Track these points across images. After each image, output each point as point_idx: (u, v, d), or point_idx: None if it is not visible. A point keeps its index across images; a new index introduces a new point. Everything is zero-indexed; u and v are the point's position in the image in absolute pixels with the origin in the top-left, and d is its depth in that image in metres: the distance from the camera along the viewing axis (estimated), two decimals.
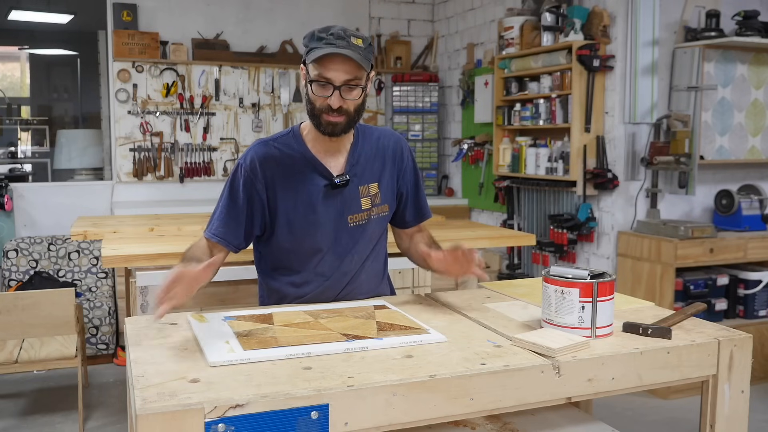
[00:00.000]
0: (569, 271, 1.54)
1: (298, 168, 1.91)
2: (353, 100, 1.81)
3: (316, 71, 1.78)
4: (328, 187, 1.91)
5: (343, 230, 1.95)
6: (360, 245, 1.98)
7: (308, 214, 1.91)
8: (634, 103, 4.11)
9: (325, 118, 1.81)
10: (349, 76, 1.77)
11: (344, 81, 1.77)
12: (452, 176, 6.16)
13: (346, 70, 1.76)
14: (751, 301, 4.06)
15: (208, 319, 1.65)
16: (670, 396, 3.76)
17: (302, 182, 1.91)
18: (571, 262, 4.50)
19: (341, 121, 1.82)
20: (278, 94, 5.77)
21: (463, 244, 1.83)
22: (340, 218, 1.94)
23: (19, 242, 4.60)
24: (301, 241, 1.93)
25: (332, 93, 1.78)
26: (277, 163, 1.91)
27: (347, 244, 1.96)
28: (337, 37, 1.75)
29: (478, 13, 5.65)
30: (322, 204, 1.92)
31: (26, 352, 3.27)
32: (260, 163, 1.90)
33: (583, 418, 1.80)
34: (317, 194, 1.91)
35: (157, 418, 1.12)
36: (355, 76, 1.78)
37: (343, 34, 1.76)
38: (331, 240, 1.94)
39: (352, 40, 1.76)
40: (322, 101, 1.80)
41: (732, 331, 1.58)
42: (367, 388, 1.24)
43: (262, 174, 1.90)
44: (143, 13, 5.45)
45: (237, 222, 1.91)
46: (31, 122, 8.24)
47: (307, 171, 1.91)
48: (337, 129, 1.83)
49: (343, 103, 1.79)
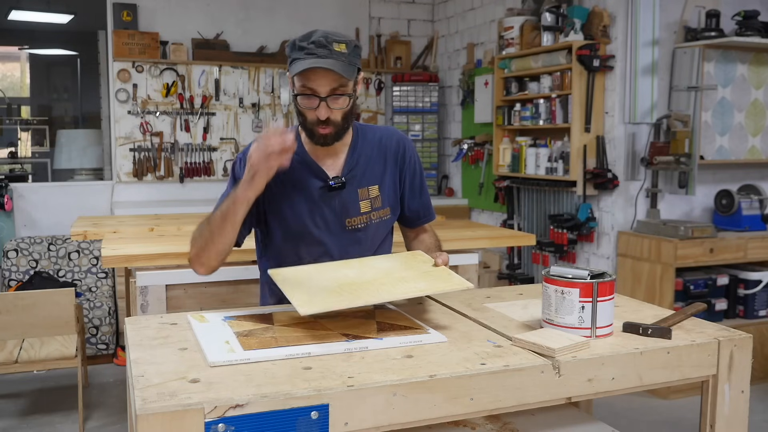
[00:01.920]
0: (569, 271, 1.54)
1: (295, 169, 1.89)
2: (340, 109, 1.79)
3: (300, 83, 1.76)
4: (324, 189, 1.90)
5: (341, 234, 1.93)
6: (361, 249, 1.96)
7: (305, 217, 1.90)
8: (634, 103, 4.11)
9: (317, 131, 1.81)
10: (334, 85, 1.75)
11: (329, 91, 1.75)
12: (452, 176, 6.16)
13: (330, 80, 1.74)
14: (751, 301, 4.06)
15: (208, 319, 1.65)
16: (670, 396, 3.76)
17: (299, 183, 1.90)
18: (571, 262, 4.50)
19: (330, 132, 1.82)
20: (278, 94, 5.77)
21: (439, 259, 1.79)
22: (338, 221, 1.92)
23: (19, 242, 4.60)
24: (298, 242, 1.92)
25: (319, 104, 1.76)
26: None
27: (347, 247, 1.94)
28: (319, 46, 1.72)
29: (478, 13, 5.65)
30: (319, 206, 1.90)
31: (26, 352, 3.27)
32: None
33: (583, 418, 1.80)
34: (313, 196, 1.90)
35: (157, 418, 1.12)
36: (340, 84, 1.76)
37: (325, 41, 1.73)
38: (329, 243, 1.93)
39: (334, 47, 1.73)
40: (312, 114, 1.79)
41: (732, 331, 1.58)
42: (367, 388, 1.24)
43: None
44: (143, 13, 5.45)
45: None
46: (31, 122, 8.24)
47: (304, 172, 1.91)
48: (328, 139, 1.83)
49: (331, 114, 1.78)
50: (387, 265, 1.79)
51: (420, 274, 1.74)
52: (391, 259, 1.85)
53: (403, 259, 1.85)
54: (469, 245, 3.18)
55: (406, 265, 1.80)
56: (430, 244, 2.07)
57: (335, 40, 1.74)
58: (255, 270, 2.13)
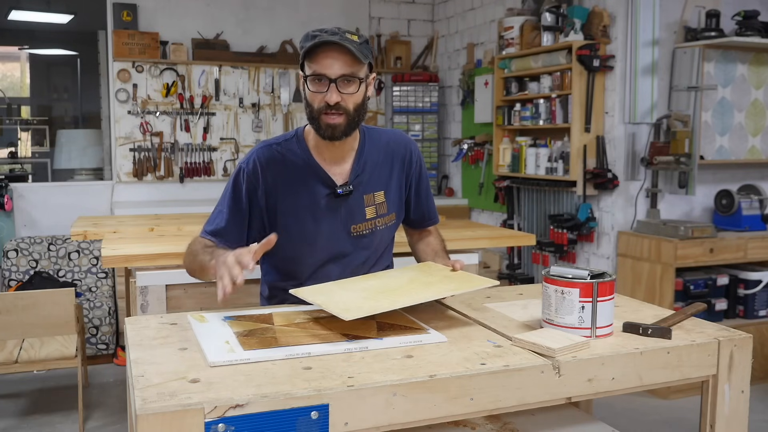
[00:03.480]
0: (569, 271, 1.54)
1: (300, 175, 1.86)
2: (351, 94, 1.75)
3: (311, 69, 1.74)
4: (331, 197, 1.87)
5: (345, 240, 1.91)
6: (365, 255, 1.95)
7: (309, 223, 1.88)
8: (634, 103, 4.11)
9: (324, 120, 1.76)
10: (345, 70, 1.72)
11: (340, 74, 1.72)
12: (452, 176, 6.16)
13: (342, 62, 1.72)
14: (751, 301, 4.06)
15: (208, 319, 1.65)
16: (670, 396, 3.76)
17: (304, 190, 1.86)
18: (571, 262, 4.50)
19: (341, 122, 1.76)
20: (278, 94, 5.77)
21: (456, 264, 1.81)
22: (343, 228, 1.90)
23: (19, 242, 4.60)
24: (302, 249, 1.90)
25: (328, 87, 1.72)
26: (280, 168, 1.86)
27: (351, 254, 1.92)
28: (331, 33, 1.72)
29: (478, 13, 5.65)
30: (324, 213, 1.88)
31: (26, 352, 3.27)
32: (262, 167, 1.86)
33: (583, 418, 1.80)
34: (319, 203, 1.87)
35: (157, 418, 1.12)
36: (352, 70, 1.73)
37: (337, 30, 1.73)
38: (334, 250, 1.91)
39: (346, 35, 1.72)
40: (320, 99, 1.74)
41: (732, 331, 1.58)
42: (367, 388, 1.24)
43: (263, 179, 1.86)
44: (143, 13, 5.45)
45: (241, 227, 1.87)
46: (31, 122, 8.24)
47: (310, 178, 1.87)
48: (337, 131, 1.77)
49: (341, 99, 1.74)
50: (408, 275, 1.82)
51: (443, 278, 1.77)
52: (407, 271, 1.87)
53: (420, 269, 1.89)
54: (469, 245, 3.18)
55: (425, 273, 1.84)
56: (436, 246, 2.06)
57: (348, 31, 1.75)
58: (255, 270, 2.12)
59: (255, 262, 1.54)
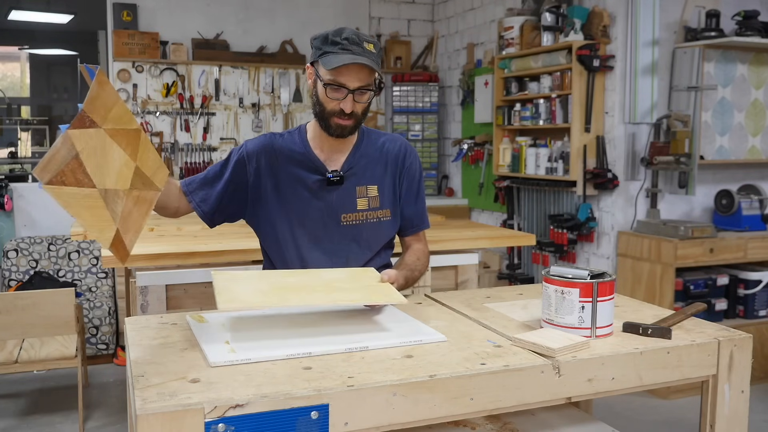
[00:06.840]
0: (569, 271, 1.54)
1: (295, 161, 1.96)
2: (363, 103, 1.87)
3: (331, 76, 1.81)
4: (322, 182, 1.94)
5: (334, 228, 1.96)
6: (354, 247, 1.98)
7: (296, 203, 1.95)
8: (634, 103, 4.11)
9: (335, 121, 1.86)
10: (362, 83, 1.82)
11: (358, 87, 1.82)
12: (452, 176, 6.16)
13: (361, 77, 1.81)
14: (751, 301, 4.06)
15: (207, 319, 1.65)
16: (670, 396, 3.76)
17: (297, 174, 1.95)
18: (571, 262, 4.50)
19: (350, 124, 1.88)
20: (278, 94, 5.77)
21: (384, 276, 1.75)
22: (333, 215, 1.96)
23: (19, 242, 4.60)
24: (294, 234, 1.96)
25: (345, 97, 1.82)
26: (276, 153, 1.96)
27: (338, 242, 1.97)
28: (352, 43, 1.79)
29: (478, 13, 5.65)
30: (314, 198, 1.95)
31: (26, 352, 3.27)
32: (259, 150, 1.96)
33: (583, 418, 1.80)
34: (309, 188, 1.95)
35: (157, 418, 1.12)
36: (368, 81, 1.84)
37: (357, 39, 1.80)
38: (323, 236, 1.96)
39: (365, 46, 1.80)
40: (335, 104, 1.84)
41: (732, 331, 1.59)
42: (367, 388, 1.24)
43: (256, 158, 1.95)
44: (143, 13, 5.45)
45: (213, 189, 1.95)
46: (31, 122, 8.24)
47: (304, 165, 1.96)
48: (345, 131, 1.89)
49: (355, 107, 1.85)
50: (333, 277, 1.77)
51: (361, 287, 1.71)
52: (340, 272, 1.82)
53: (353, 273, 1.83)
54: (469, 245, 3.18)
55: (352, 278, 1.77)
56: (407, 259, 2.02)
57: (365, 39, 1.82)
58: (256, 270, 2.13)
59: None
